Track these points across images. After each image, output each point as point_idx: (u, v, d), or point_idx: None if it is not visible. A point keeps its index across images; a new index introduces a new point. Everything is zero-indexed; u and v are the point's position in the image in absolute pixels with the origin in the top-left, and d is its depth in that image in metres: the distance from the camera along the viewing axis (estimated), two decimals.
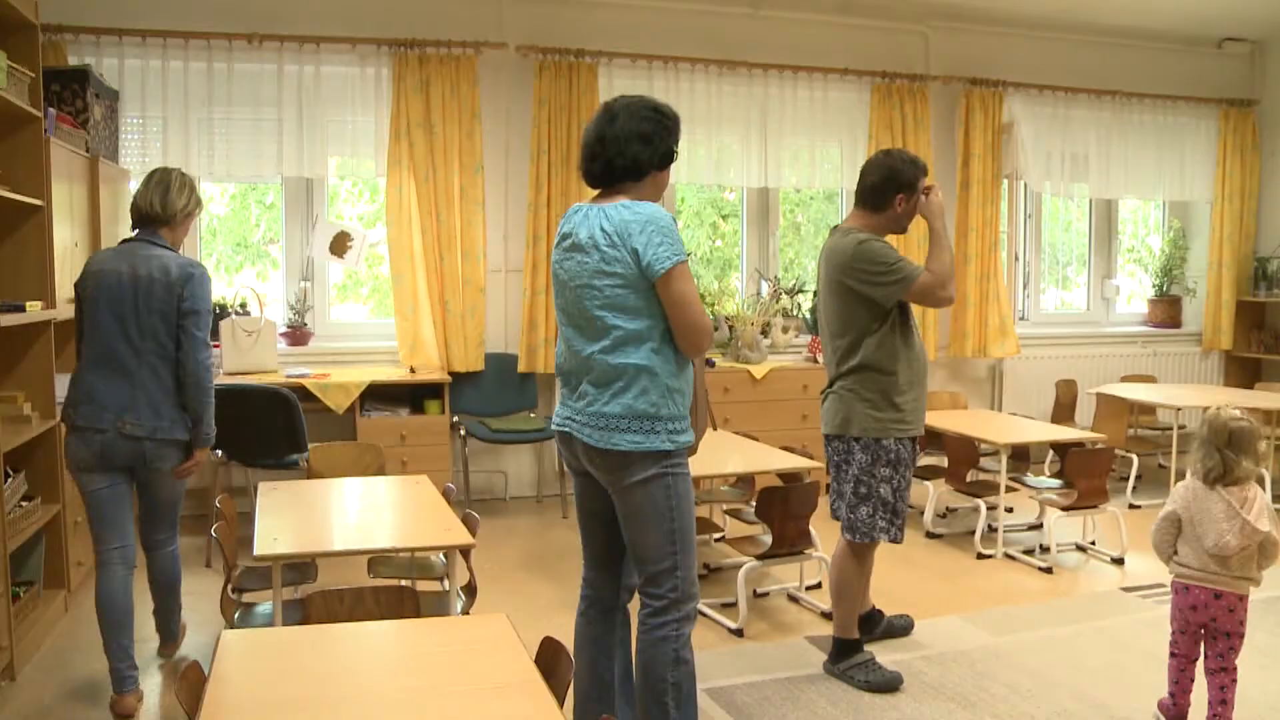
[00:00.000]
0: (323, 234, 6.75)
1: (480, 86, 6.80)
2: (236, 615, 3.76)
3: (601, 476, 3.12)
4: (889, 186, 4.17)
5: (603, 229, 2.99)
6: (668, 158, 3.15)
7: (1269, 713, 3.90)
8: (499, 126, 6.98)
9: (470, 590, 4.01)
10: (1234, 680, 3.58)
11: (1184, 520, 3.63)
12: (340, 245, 6.72)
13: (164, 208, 3.96)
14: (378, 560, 4.25)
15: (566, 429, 3.16)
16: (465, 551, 3.66)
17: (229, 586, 3.77)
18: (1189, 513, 3.61)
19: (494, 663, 2.49)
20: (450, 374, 6.64)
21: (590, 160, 3.12)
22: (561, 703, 2.34)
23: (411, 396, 6.47)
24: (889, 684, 4.10)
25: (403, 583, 3.76)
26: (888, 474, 4.08)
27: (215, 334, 5.85)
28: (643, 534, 3.10)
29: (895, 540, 4.18)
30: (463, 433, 6.68)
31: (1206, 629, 3.61)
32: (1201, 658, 3.68)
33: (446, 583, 3.97)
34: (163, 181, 4.00)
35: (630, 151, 3.06)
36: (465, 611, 3.78)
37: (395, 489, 4.31)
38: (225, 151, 6.47)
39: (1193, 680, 3.72)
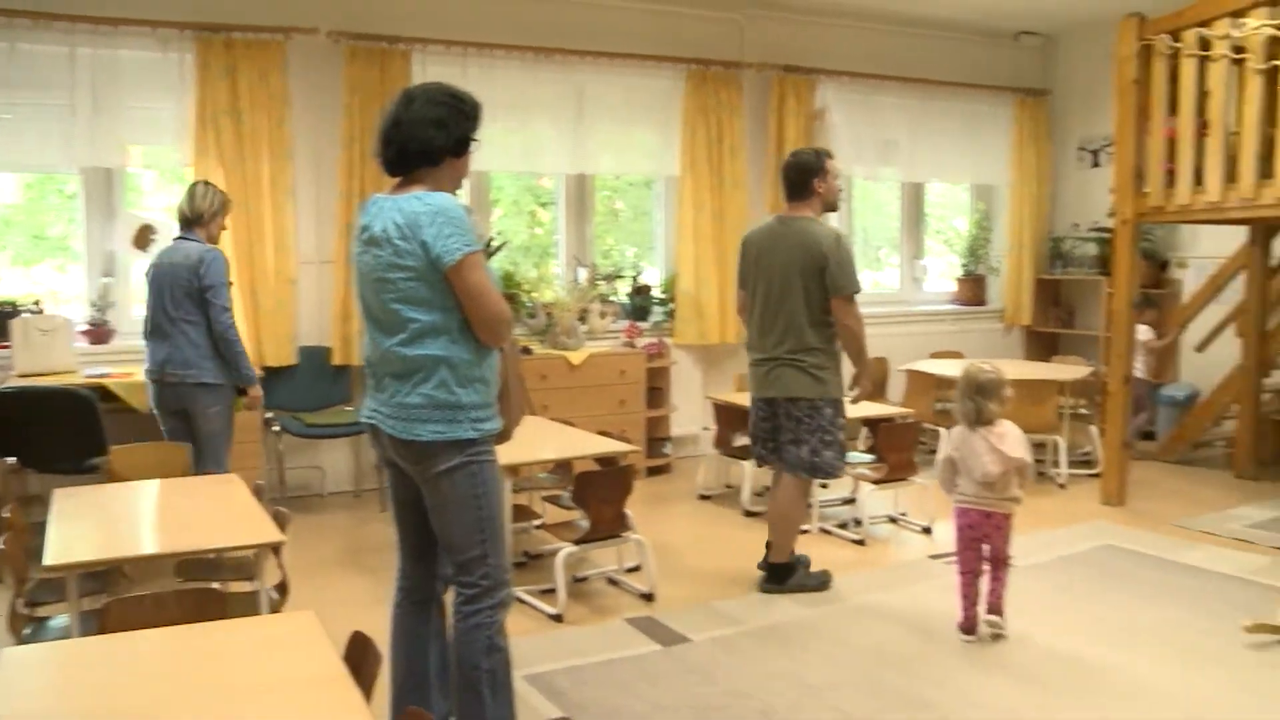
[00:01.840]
0: (125, 226, 6.49)
1: (290, 73, 6.64)
2: (27, 631, 3.59)
3: (408, 467, 3.11)
4: (806, 176, 4.97)
5: (395, 222, 2.97)
6: (464, 144, 3.13)
7: (1050, 662, 4.15)
8: (310, 114, 6.81)
9: (282, 589, 3.92)
10: (1006, 573, 4.48)
11: (957, 460, 4.42)
12: (144, 238, 6.46)
13: (191, 210, 5.20)
14: (186, 563, 4.12)
15: (373, 421, 3.15)
16: (276, 549, 3.59)
17: (19, 600, 3.60)
18: (960, 453, 4.41)
19: (300, 660, 2.45)
20: (262, 368, 6.44)
21: (385, 145, 3.08)
22: (369, 696, 2.33)
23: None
24: (824, 581, 5.11)
25: (214, 585, 3.66)
26: (842, 423, 5.00)
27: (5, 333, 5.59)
28: (451, 523, 3.11)
29: (843, 474, 5.20)
30: (276, 429, 6.53)
31: (981, 542, 4.42)
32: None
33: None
34: (190, 190, 5.25)
35: (424, 136, 3.03)
36: (277, 610, 3.71)
37: (203, 489, 4.19)
38: (8, 139, 6.14)
39: (978, 593, 4.47)
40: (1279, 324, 7.61)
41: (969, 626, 4.45)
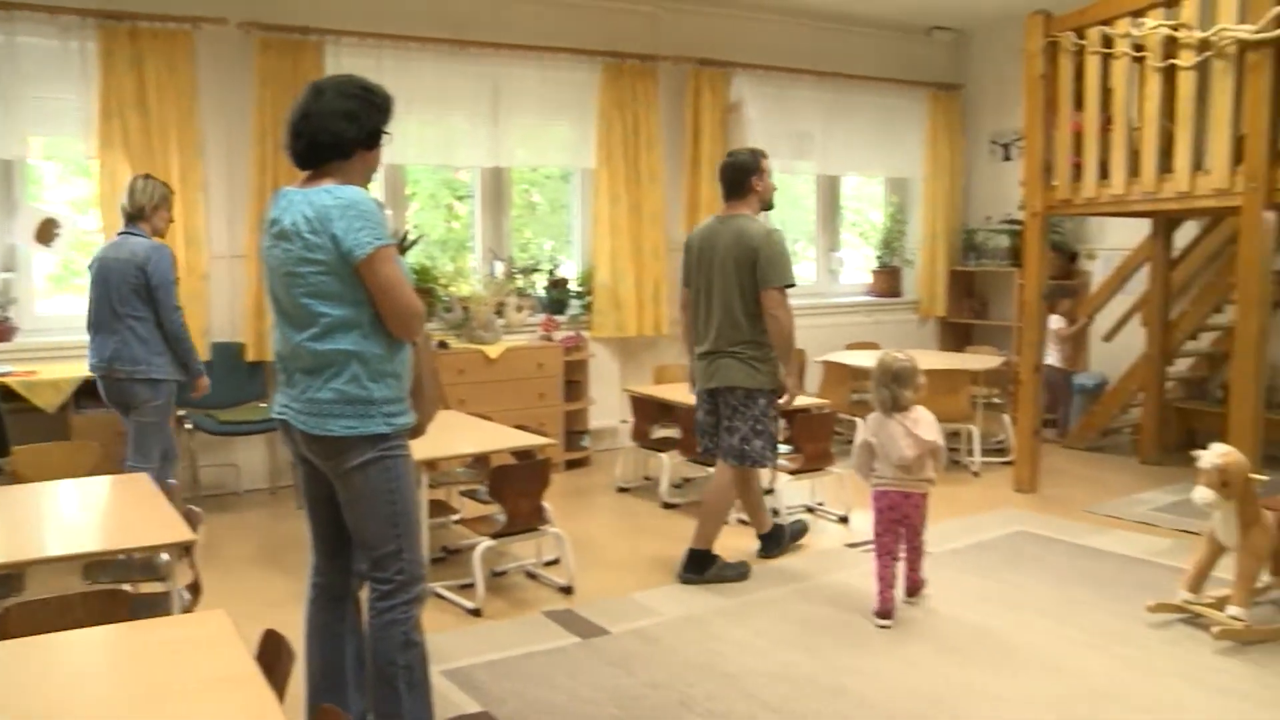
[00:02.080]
0: (27, 220, 6.32)
1: (199, 64, 6.50)
2: None
3: (320, 463, 3.08)
4: (742, 174, 5.14)
5: (305, 215, 2.92)
6: (375, 137, 3.09)
7: (965, 646, 4.23)
8: (221, 107, 6.68)
9: (195, 589, 3.86)
10: (921, 556, 4.75)
11: (875, 444, 4.60)
12: (46, 232, 6.29)
13: (131, 205, 5.19)
14: (93, 566, 4.03)
15: (284, 416, 3.11)
16: (188, 549, 3.53)
17: None
18: (877, 438, 4.59)
19: (211, 661, 2.41)
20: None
21: (294, 138, 3.04)
22: (282, 695, 2.30)
23: None
24: (744, 571, 5.20)
25: (124, 587, 3.58)
26: (774, 414, 5.13)
27: None
28: (365, 518, 3.08)
29: (773, 463, 5.41)
30: (189, 426, 6.40)
31: (900, 523, 4.61)
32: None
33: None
34: (130, 185, 5.24)
35: (334, 129, 2.99)
36: (189, 610, 3.64)
37: (112, 489, 4.09)
38: None
39: (895, 577, 4.63)
40: (1181, 314, 7.82)
41: (885, 611, 4.55)
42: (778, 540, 5.55)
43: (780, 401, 5.13)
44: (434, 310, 7.38)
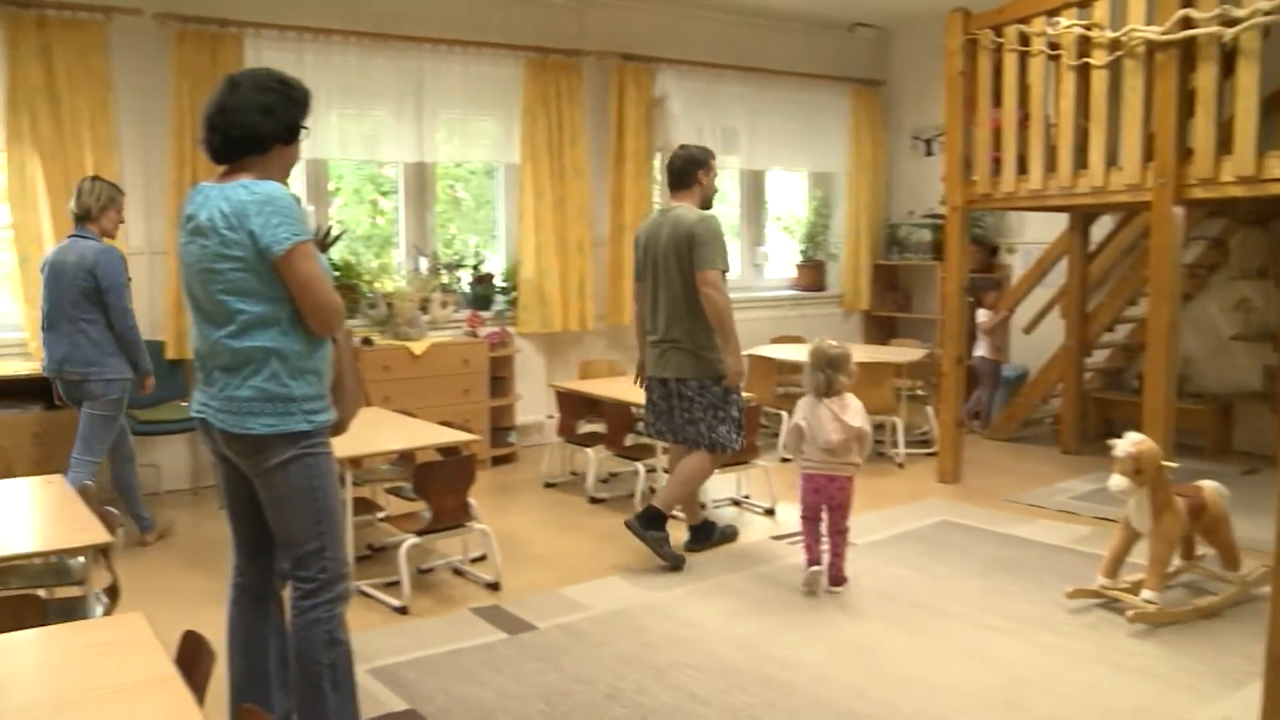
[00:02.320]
0: None
1: (113, 55, 6.35)
2: None
3: (240, 461, 3.04)
4: (690, 168, 5.33)
5: (221, 211, 2.88)
6: (293, 131, 3.05)
7: (890, 635, 4.28)
8: (137, 100, 6.53)
9: (113, 592, 3.78)
10: (846, 538, 4.90)
11: (804, 428, 4.80)
12: None
13: (79, 207, 5.26)
14: (5, 571, 3.93)
15: (203, 415, 3.05)
16: (104, 551, 3.46)
17: None
18: (807, 422, 4.80)
19: (128, 664, 2.36)
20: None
21: (210, 132, 2.98)
22: (203, 697, 2.27)
23: (45, 391, 5.99)
24: (677, 562, 5.24)
25: (39, 591, 3.51)
26: (736, 399, 5.26)
27: None
28: (287, 517, 3.05)
29: (742, 447, 5.39)
30: None
31: (825, 505, 4.84)
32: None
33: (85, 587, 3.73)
34: (77, 188, 5.30)
35: (250, 123, 2.95)
36: (107, 614, 3.57)
37: (23, 492, 3.99)
38: None
39: (819, 536, 4.90)
40: (1098, 306, 7.99)
41: (815, 559, 4.88)
42: (706, 534, 5.60)
43: (720, 384, 5.20)
44: (358, 307, 7.31)
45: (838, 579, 4.89)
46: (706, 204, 5.36)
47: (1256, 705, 2.44)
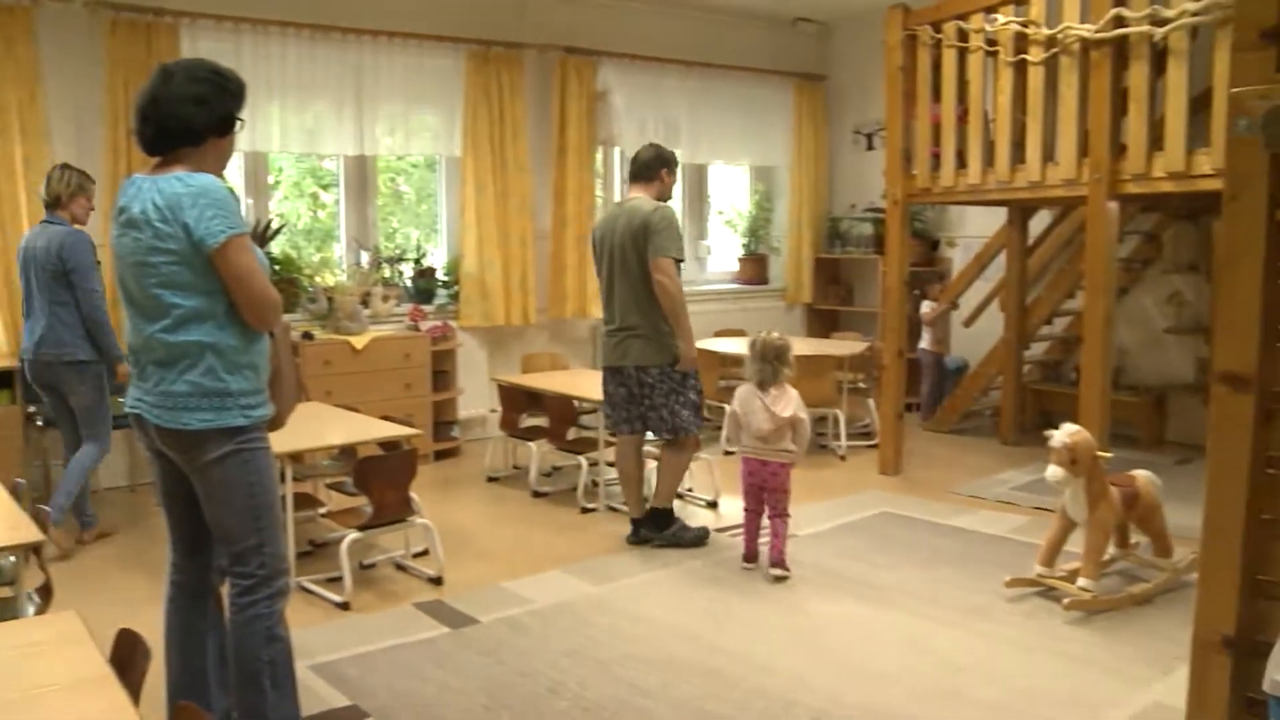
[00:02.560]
0: None
1: (41, 44, 6.21)
2: None
3: (176, 457, 3.00)
4: (656, 164, 5.47)
5: (155, 203, 2.84)
6: (228, 123, 3.02)
7: (833, 625, 4.32)
8: (69, 90, 6.40)
9: (46, 592, 3.72)
10: (786, 522, 5.03)
11: (740, 415, 4.98)
12: None
13: (48, 194, 5.34)
14: None
15: (138, 410, 3.01)
16: (36, 550, 3.39)
17: None
18: (743, 409, 4.98)
19: (61, 664, 2.32)
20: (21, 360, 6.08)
21: (142, 123, 2.94)
22: (138, 695, 2.24)
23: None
24: (700, 538, 5.50)
25: None
26: (694, 384, 5.40)
27: None
28: (224, 513, 3.02)
29: (700, 427, 5.52)
30: (40, 423, 6.15)
31: (762, 488, 5.00)
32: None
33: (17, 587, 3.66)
34: (47, 175, 5.39)
35: (184, 114, 2.91)
36: (41, 614, 3.51)
37: None
38: None
39: (759, 529, 5.06)
40: (1036, 299, 8.09)
41: (750, 556, 5.10)
42: (668, 524, 5.55)
43: (675, 368, 5.30)
44: (299, 300, 7.23)
45: (778, 561, 4.97)
46: (664, 199, 5.49)
47: (1185, 688, 2.49)
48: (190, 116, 2.92)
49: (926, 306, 8.37)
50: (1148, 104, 5.51)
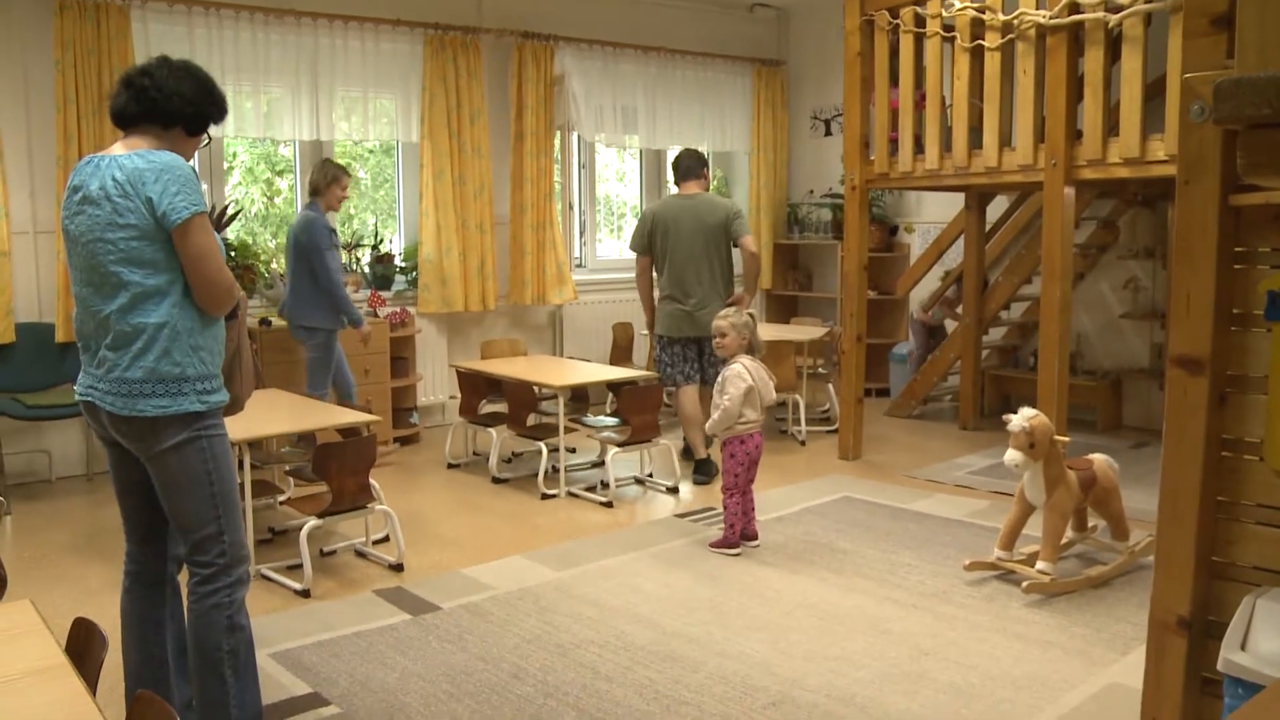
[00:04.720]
0: None
1: None
2: None
3: (131, 445, 2.95)
4: (700, 165, 6.64)
5: (114, 179, 2.80)
6: (201, 123, 3.03)
7: (794, 611, 4.34)
8: (15, 73, 6.28)
9: None
10: (753, 503, 5.26)
11: (758, 386, 5.04)
12: None
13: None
14: None
15: (89, 398, 2.96)
16: None
17: None
18: (757, 381, 5.05)
19: (15, 653, 2.29)
20: None
21: (124, 87, 2.94)
22: (94, 685, 2.21)
23: None
24: (711, 470, 6.36)
25: None
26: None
27: None
28: (182, 501, 2.97)
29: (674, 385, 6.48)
30: None
31: (755, 463, 5.15)
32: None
33: None
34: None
35: (168, 88, 2.92)
36: None
37: None
38: None
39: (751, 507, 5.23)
40: (995, 284, 8.15)
41: (751, 534, 5.23)
42: (707, 471, 6.42)
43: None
44: (255, 287, 7.16)
45: (753, 533, 5.23)
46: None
47: (1142, 668, 2.51)
48: (172, 94, 2.93)
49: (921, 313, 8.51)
50: (1104, 90, 5.56)
